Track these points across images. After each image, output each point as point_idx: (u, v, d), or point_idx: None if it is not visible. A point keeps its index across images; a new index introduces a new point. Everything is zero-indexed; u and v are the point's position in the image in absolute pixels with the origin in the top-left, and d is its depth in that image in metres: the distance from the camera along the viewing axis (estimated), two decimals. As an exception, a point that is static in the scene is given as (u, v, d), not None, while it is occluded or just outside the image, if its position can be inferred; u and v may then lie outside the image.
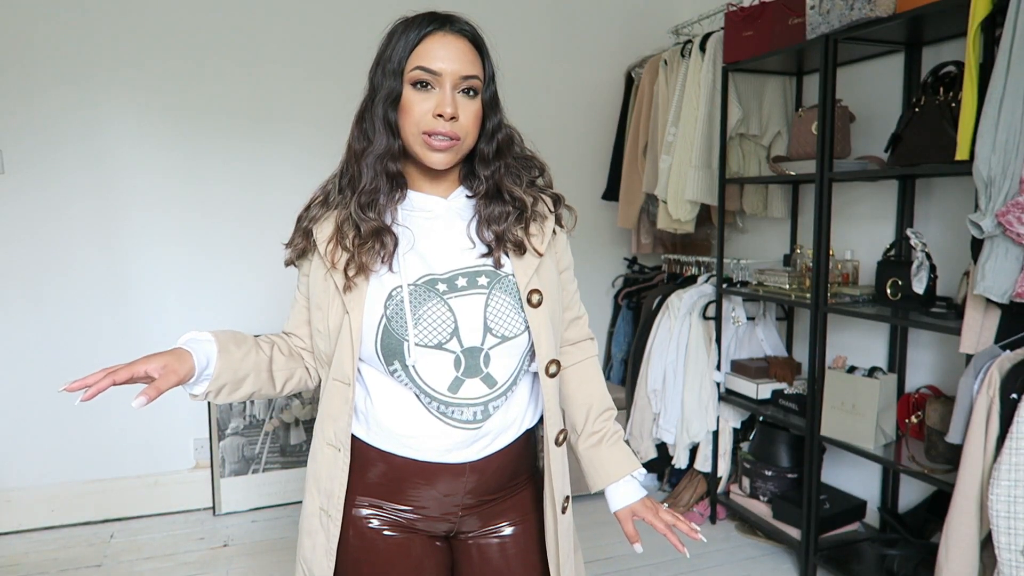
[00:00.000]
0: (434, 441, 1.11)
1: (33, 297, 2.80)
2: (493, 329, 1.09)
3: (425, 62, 1.04)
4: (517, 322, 1.10)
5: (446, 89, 1.05)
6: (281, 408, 3.07)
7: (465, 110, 1.06)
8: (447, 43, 1.05)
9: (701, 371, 2.89)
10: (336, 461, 1.12)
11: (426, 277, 1.08)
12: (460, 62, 1.05)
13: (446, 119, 1.04)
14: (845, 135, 2.43)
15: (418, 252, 1.10)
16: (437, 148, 1.06)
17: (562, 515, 1.17)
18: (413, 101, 1.06)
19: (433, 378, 1.08)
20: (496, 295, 1.09)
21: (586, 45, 3.48)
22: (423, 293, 1.07)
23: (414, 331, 1.05)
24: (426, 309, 1.06)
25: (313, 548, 1.14)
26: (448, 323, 1.07)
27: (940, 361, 2.39)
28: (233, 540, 2.78)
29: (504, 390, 1.12)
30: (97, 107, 2.80)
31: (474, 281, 1.09)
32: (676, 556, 2.60)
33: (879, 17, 2.06)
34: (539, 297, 1.11)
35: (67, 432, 2.87)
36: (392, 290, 1.07)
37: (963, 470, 1.77)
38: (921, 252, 2.11)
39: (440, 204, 1.15)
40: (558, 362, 1.15)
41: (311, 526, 1.15)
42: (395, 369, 1.08)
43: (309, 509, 1.16)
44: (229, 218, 2.99)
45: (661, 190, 3.02)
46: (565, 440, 1.19)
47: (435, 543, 1.18)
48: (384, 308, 1.07)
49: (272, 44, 2.99)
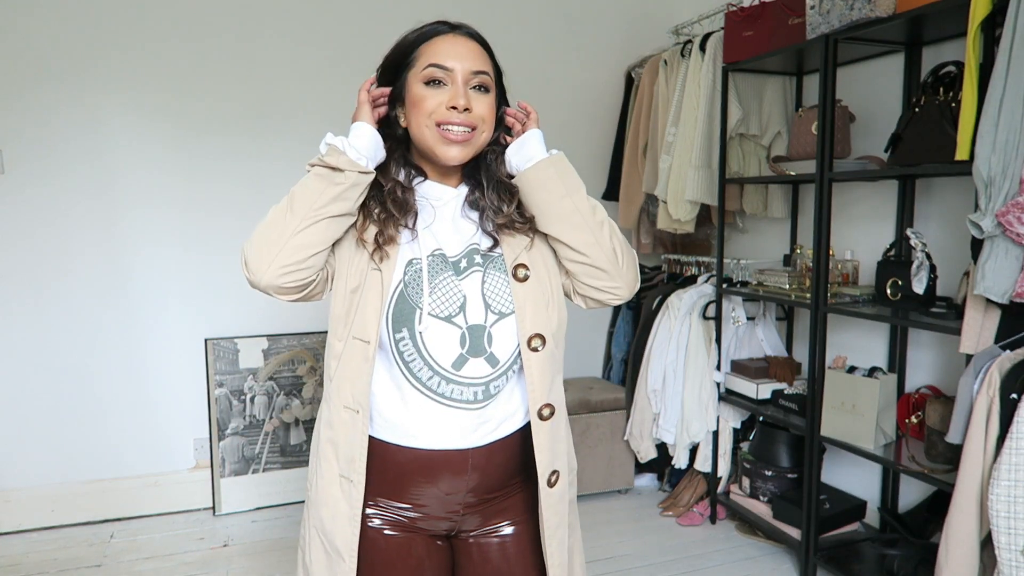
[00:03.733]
0: (435, 425, 1.11)
1: (33, 296, 2.80)
2: (492, 305, 1.13)
3: (437, 59, 1.10)
4: (510, 296, 1.13)
5: (458, 84, 1.10)
6: (281, 408, 3.07)
7: (478, 103, 1.11)
8: (458, 43, 1.12)
9: (701, 371, 2.89)
10: (356, 424, 1.11)
11: (439, 251, 1.13)
12: (471, 59, 1.11)
13: (459, 111, 1.09)
14: (845, 135, 2.43)
15: (432, 231, 1.15)
16: (452, 140, 1.10)
17: (549, 488, 1.15)
18: (425, 96, 1.10)
19: (439, 351, 1.09)
20: (491, 272, 1.14)
21: (586, 45, 3.48)
22: (439, 265, 1.12)
23: (429, 299, 1.09)
24: (440, 280, 1.11)
25: (334, 517, 1.12)
26: (458, 297, 1.11)
27: (940, 361, 2.39)
28: (233, 540, 2.78)
29: (505, 369, 1.13)
30: (96, 106, 2.80)
31: (472, 260, 1.15)
32: (676, 556, 2.61)
33: (879, 17, 2.06)
34: (525, 272, 1.14)
35: (67, 432, 2.87)
36: (412, 259, 1.12)
37: (963, 470, 1.76)
38: (921, 252, 2.11)
39: (450, 193, 1.19)
40: (543, 337, 1.13)
41: (329, 496, 1.12)
42: (402, 337, 1.09)
43: (327, 478, 1.13)
44: (229, 216, 2.99)
45: (661, 190, 3.02)
46: (552, 415, 1.15)
47: (436, 542, 1.18)
48: (403, 274, 1.11)
49: (272, 41, 2.99)
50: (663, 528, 2.86)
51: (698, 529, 2.85)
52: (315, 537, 1.15)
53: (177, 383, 2.99)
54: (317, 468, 1.16)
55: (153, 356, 2.96)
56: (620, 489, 3.19)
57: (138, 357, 2.94)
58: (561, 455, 1.19)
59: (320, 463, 1.15)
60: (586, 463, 3.07)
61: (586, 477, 3.08)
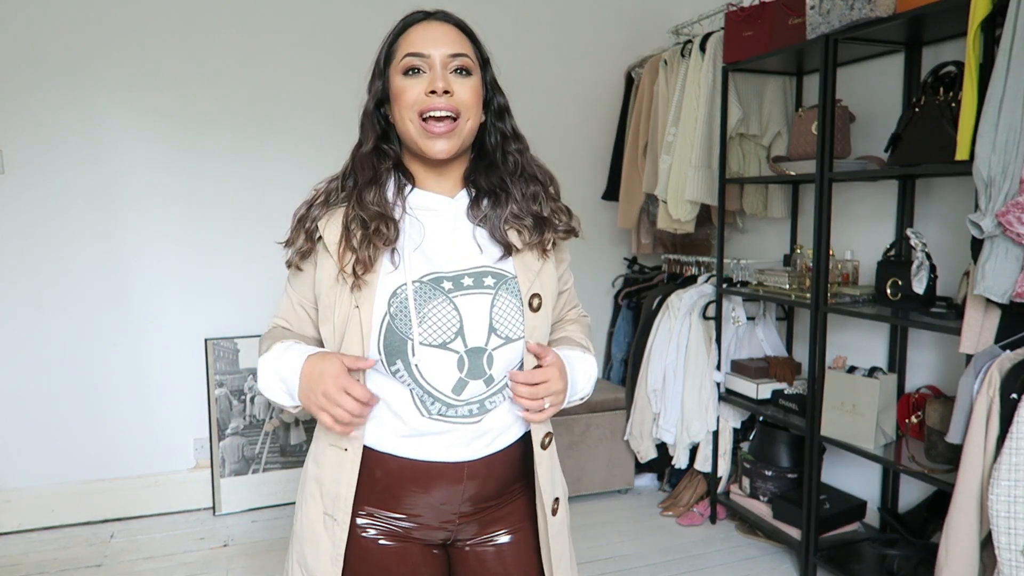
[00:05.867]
0: (433, 438, 1.09)
1: (33, 296, 2.80)
2: (498, 330, 1.07)
3: (413, 48, 1.07)
4: (521, 324, 1.09)
5: (436, 69, 1.06)
6: (281, 408, 3.07)
7: (460, 87, 1.07)
8: (432, 27, 1.08)
9: (701, 371, 2.89)
10: (343, 463, 1.09)
11: (432, 275, 1.07)
12: (447, 43, 1.07)
13: (439, 94, 1.05)
14: (845, 135, 2.43)
15: (423, 251, 1.10)
16: (436, 133, 1.06)
17: (552, 517, 1.15)
18: (405, 87, 1.07)
19: (437, 379, 1.06)
20: (502, 296, 1.09)
21: (586, 45, 3.48)
22: (428, 291, 1.06)
23: (419, 329, 1.04)
24: (431, 307, 1.05)
25: (317, 556, 1.10)
26: (453, 322, 1.05)
27: (940, 361, 2.39)
28: (233, 540, 2.78)
29: (500, 387, 1.10)
30: (96, 105, 2.80)
31: (480, 281, 1.08)
32: (676, 556, 2.61)
33: (879, 17, 2.06)
34: (539, 302, 1.11)
35: (67, 432, 2.87)
36: (397, 288, 1.06)
37: (963, 470, 1.76)
38: (921, 252, 2.11)
39: (446, 203, 1.14)
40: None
41: (313, 533, 1.11)
42: (397, 369, 1.06)
43: (311, 515, 1.12)
44: (229, 216, 2.99)
45: (661, 190, 3.02)
46: (551, 443, 1.17)
47: (432, 551, 1.16)
48: (388, 306, 1.05)
49: (272, 40, 2.99)
50: (663, 528, 2.86)
51: (698, 529, 2.85)
52: (298, 572, 1.14)
53: (177, 383, 2.99)
54: (303, 502, 1.14)
55: (153, 356, 2.96)
56: (620, 489, 3.20)
57: (138, 357, 2.94)
58: (558, 481, 1.20)
59: (306, 498, 1.13)
60: (586, 463, 3.07)
61: (586, 477, 3.08)
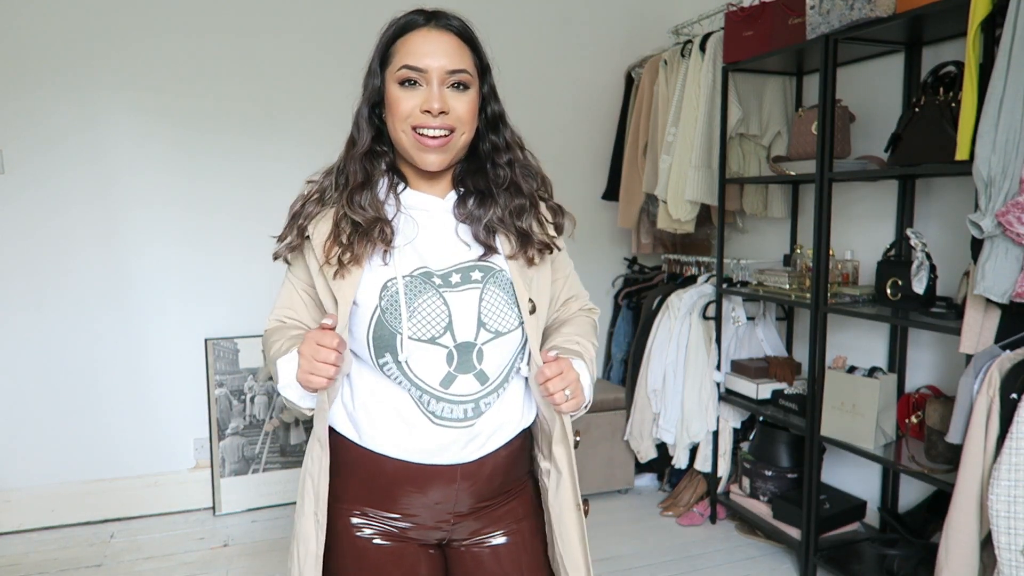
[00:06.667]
0: (424, 441, 1.08)
1: (33, 296, 2.80)
2: (487, 324, 1.08)
3: (410, 60, 1.04)
4: (511, 317, 1.09)
5: (433, 85, 1.04)
6: (281, 408, 3.07)
7: (457, 102, 1.05)
8: (431, 39, 1.05)
9: (701, 371, 2.89)
10: (321, 460, 1.10)
11: (421, 269, 1.08)
12: (446, 57, 1.04)
13: (434, 115, 1.04)
14: (845, 135, 2.43)
15: (415, 247, 1.10)
16: (429, 147, 1.05)
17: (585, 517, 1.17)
18: (400, 98, 1.05)
19: (425, 372, 1.06)
20: (490, 289, 1.09)
21: (586, 45, 3.48)
22: (418, 285, 1.06)
23: (408, 324, 1.04)
24: (421, 302, 1.05)
25: (304, 555, 1.11)
26: (442, 317, 1.05)
27: (940, 361, 2.39)
28: (233, 540, 2.78)
29: (496, 387, 1.10)
30: (96, 105, 2.80)
31: (468, 276, 1.09)
32: (676, 556, 2.61)
33: (879, 17, 2.06)
34: (532, 306, 1.11)
35: (67, 432, 2.87)
36: (387, 281, 1.06)
37: (963, 470, 1.77)
38: (921, 252, 2.11)
39: (437, 203, 1.14)
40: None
41: (305, 531, 1.11)
42: (385, 362, 1.06)
43: (305, 513, 1.12)
44: (229, 216, 2.99)
45: (661, 190, 3.02)
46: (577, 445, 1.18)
47: (428, 551, 1.16)
48: (379, 299, 1.05)
49: (273, 40, 2.99)
50: (663, 528, 2.86)
51: (698, 529, 2.85)
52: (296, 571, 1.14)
53: (177, 383, 2.99)
54: (302, 500, 1.14)
55: (153, 356, 2.96)
56: (620, 489, 3.20)
57: (138, 357, 2.94)
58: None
59: (305, 496, 1.14)
60: (586, 463, 3.07)
61: (586, 477, 3.08)
